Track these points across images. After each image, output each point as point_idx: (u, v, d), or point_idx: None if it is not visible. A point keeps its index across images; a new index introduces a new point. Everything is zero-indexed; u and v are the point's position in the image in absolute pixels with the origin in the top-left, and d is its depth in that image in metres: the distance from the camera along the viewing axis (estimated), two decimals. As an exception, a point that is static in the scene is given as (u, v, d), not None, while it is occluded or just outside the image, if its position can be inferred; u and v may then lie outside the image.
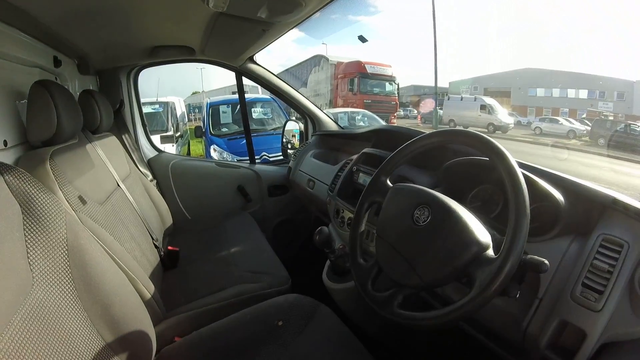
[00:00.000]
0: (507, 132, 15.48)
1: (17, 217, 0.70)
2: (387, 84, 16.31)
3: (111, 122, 1.80)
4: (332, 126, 2.47)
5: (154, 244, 1.56)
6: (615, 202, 0.80)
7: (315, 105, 2.48)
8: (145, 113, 2.48)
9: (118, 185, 1.53)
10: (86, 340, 0.74)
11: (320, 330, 1.09)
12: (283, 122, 2.81)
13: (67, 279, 0.75)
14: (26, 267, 0.67)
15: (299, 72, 23.04)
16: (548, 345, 0.77)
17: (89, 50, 1.73)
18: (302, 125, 2.59)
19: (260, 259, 1.62)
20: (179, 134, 7.68)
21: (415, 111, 22.75)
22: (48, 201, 0.77)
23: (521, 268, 0.71)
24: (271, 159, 4.24)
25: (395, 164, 1.00)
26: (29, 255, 0.69)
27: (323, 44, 23.00)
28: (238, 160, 3.26)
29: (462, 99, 18.17)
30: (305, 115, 2.51)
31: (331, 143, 2.23)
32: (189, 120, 13.35)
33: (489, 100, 16.54)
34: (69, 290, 0.75)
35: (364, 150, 1.63)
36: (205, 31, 1.58)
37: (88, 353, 0.73)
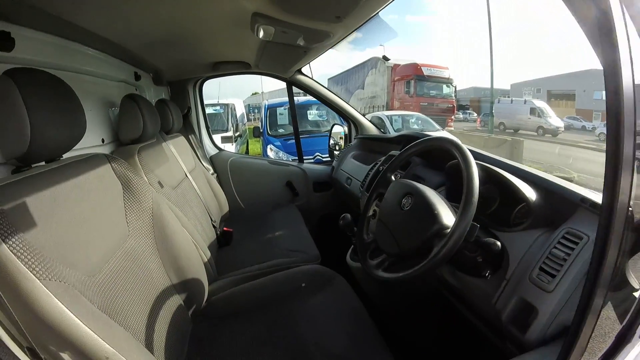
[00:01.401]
0: (557, 136, 14.59)
1: (118, 192, 1.05)
2: (444, 86, 15.98)
3: (181, 125, 2.19)
4: (372, 130, 2.69)
5: (212, 224, 1.90)
6: (583, 200, 0.91)
7: (357, 111, 2.72)
8: (207, 114, 2.88)
9: (186, 175, 1.89)
10: (159, 278, 1.07)
11: (334, 293, 1.34)
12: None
13: (150, 235, 1.09)
14: (124, 224, 1.02)
15: (355, 75, 22.86)
16: (509, 320, 0.91)
17: (163, 66, 2.13)
18: (346, 129, 2.85)
19: (297, 241, 1.89)
20: (238, 133, 8.19)
21: (475, 114, 21.92)
22: (140, 183, 1.11)
23: (479, 247, 0.93)
24: (324, 159, 4.38)
25: (397, 164, 1.25)
26: (126, 216, 1.04)
27: (380, 45, 22.88)
28: (292, 160, 3.52)
29: (512, 101, 17.35)
30: (348, 120, 2.77)
31: (370, 146, 2.46)
32: (248, 120, 13.90)
33: (538, 103, 15.74)
34: (151, 243, 1.09)
35: (390, 153, 1.85)
36: (257, 51, 1.89)
37: (160, 287, 1.05)
